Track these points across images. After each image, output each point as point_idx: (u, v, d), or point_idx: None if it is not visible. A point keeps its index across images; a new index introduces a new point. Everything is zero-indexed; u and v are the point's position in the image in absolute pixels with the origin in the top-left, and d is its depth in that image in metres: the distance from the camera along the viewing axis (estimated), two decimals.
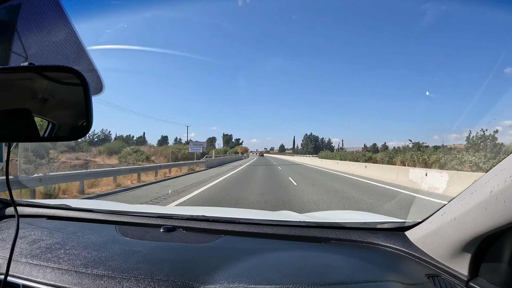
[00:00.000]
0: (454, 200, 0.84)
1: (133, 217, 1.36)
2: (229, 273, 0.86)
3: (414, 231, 1.05)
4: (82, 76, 0.70)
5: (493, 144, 7.33)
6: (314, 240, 1.14)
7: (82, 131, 0.75)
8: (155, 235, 1.19)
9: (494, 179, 0.67)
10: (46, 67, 0.73)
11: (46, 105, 0.79)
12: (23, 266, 0.94)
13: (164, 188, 9.07)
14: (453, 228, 0.81)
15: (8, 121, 0.73)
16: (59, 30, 0.81)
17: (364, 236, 1.12)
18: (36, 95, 0.77)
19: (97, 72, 0.85)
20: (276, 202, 6.33)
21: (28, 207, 1.50)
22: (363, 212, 2.07)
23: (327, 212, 2.60)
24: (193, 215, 1.32)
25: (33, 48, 0.83)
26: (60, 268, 0.91)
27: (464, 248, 0.79)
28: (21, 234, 1.16)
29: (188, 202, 6.49)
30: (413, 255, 0.98)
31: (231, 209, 2.78)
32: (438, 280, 0.85)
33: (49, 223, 1.33)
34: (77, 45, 0.80)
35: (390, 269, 0.94)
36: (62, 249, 1.02)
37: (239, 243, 1.14)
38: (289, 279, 0.82)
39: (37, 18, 0.81)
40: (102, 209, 1.45)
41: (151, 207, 1.65)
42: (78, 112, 0.77)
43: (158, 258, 0.95)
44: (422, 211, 5.14)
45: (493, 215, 0.66)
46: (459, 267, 0.83)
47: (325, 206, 6.04)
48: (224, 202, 6.40)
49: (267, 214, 1.59)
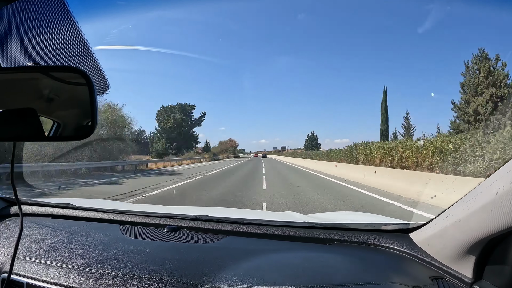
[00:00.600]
0: (459, 202, 0.84)
1: (137, 216, 1.37)
2: (233, 273, 0.86)
3: (419, 233, 1.04)
4: (88, 76, 0.71)
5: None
6: (318, 241, 1.13)
7: (87, 131, 0.75)
8: (159, 235, 1.19)
9: (499, 181, 0.66)
10: (51, 67, 0.74)
11: (52, 104, 0.80)
12: (27, 264, 0.95)
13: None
14: (457, 230, 0.81)
15: (14, 120, 0.74)
16: (64, 30, 0.82)
17: (368, 238, 1.11)
18: (42, 95, 0.78)
19: (102, 72, 0.85)
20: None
21: (33, 206, 1.51)
22: (367, 213, 2.06)
23: (331, 213, 2.59)
24: (197, 215, 1.32)
25: (38, 48, 0.84)
26: (64, 267, 0.92)
27: (468, 250, 0.78)
28: (26, 233, 1.17)
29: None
30: (417, 257, 0.98)
31: (235, 210, 2.78)
32: (442, 282, 0.85)
33: (53, 222, 1.34)
34: (83, 45, 0.80)
35: (394, 271, 0.94)
36: (66, 248, 1.03)
37: (242, 243, 1.14)
38: (292, 280, 0.82)
39: (42, 19, 0.82)
40: (107, 209, 1.45)
41: (155, 207, 1.66)
42: (83, 112, 0.77)
43: (162, 258, 0.95)
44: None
45: (499, 217, 0.65)
46: (463, 269, 0.82)
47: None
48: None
49: (271, 215, 1.59)
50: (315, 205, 5.88)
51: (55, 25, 0.82)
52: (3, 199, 1.52)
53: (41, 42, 0.84)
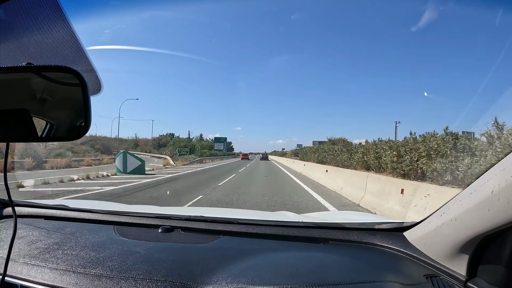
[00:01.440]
0: (453, 200, 0.84)
1: (131, 217, 1.36)
2: (228, 273, 0.86)
3: (413, 232, 1.05)
4: (81, 76, 0.70)
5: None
6: (312, 241, 1.14)
7: (80, 131, 0.75)
8: (153, 235, 1.19)
9: (494, 179, 0.67)
10: (44, 67, 0.73)
11: (45, 105, 0.79)
12: (21, 266, 0.94)
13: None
14: (451, 228, 0.81)
15: (6, 121, 0.73)
16: (57, 30, 0.81)
17: (362, 237, 1.12)
18: (35, 95, 0.77)
19: (95, 72, 0.85)
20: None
21: (26, 207, 1.49)
22: (362, 213, 2.07)
23: (325, 213, 2.60)
24: (191, 215, 1.32)
25: (31, 48, 0.83)
26: (58, 268, 0.91)
27: (462, 248, 0.79)
28: (19, 235, 1.15)
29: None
30: (412, 255, 0.99)
31: (229, 210, 2.78)
32: (437, 280, 0.86)
33: (47, 224, 1.33)
34: (76, 45, 0.80)
35: (389, 269, 0.94)
36: (60, 250, 1.02)
37: (237, 243, 1.14)
38: (287, 279, 0.82)
39: (35, 18, 0.81)
40: (100, 210, 1.44)
41: (149, 208, 1.65)
42: (76, 112, 0.77)
43: (156, 259, 0.95)
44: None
45: (494, 215, 0.66)
46: (458, 267, 0.83)
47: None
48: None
49: (265, 215, 1.59)
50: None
51: (48, 25, 0.82)
52: None
53: (34, 42, 0.83)
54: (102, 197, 7.01)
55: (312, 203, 6.74)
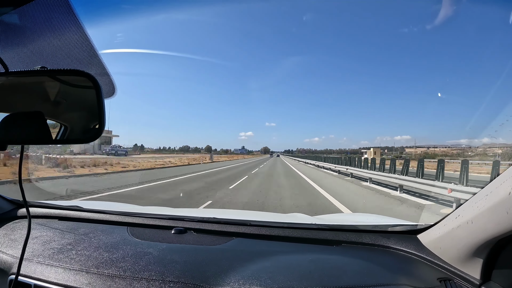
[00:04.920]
0: (468, 203, 0.82)
1: (145, 218, 1.37)
2: (240, 275, 0.86)
3: (427, 234, 1.03)
4: (95, 79, 0.71)
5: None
6: (325, 243, 1.12)
7: (94, 134, 0.76)
8: (167, 236, 1.19)
9: (510, 180, 0.65)
10: (59, 71, 0.74)
11: (59, 108, 0.80)
12: (34, 266, 0.95)
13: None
14: (466, 231, 0.80)
15: (22, 123, 0.74)
16: (71, 34, 0.82)
17: (376, 239, 1.10)
18: (49, 98, 0.78)
19: (109, 75, 0.86)
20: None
21: (41, 208, 1.52)
22: (375, 215, 2.04)
23: (338, 215, 2.58)
24: (204, 217, 1.32)
25: (45, 52, 0.84)
26: (72, 268, 0.92)
27: (477, 251, 0.78)
28: (33, 235, 1.18)
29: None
30: (425, 258, 0.97)
31: (242, 211, 2.78)
32: (450, 284, 0.84)
33: (61, 224, 1.35)
34: (89, 49, 0.81)
35: (402, 272, 0.93)
36: (74, 250, 1.03)
37: (249, 245, 1.13)
38: (299, 282, 0.81)
39: (49, 23, 0.82)
40: (114, 211, 1.46)
41: (163, 209, 1.66)
42: (90, 115, 0.77)
43: (169, 260, 0.95)
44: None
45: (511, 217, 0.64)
46: (472, 270, 0.81)
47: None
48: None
49: (278, 217, 1.58)
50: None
51: (62, 29, 0.83)
52: (11, 201, 1.54)
53: (48, 46, 0.84)
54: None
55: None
